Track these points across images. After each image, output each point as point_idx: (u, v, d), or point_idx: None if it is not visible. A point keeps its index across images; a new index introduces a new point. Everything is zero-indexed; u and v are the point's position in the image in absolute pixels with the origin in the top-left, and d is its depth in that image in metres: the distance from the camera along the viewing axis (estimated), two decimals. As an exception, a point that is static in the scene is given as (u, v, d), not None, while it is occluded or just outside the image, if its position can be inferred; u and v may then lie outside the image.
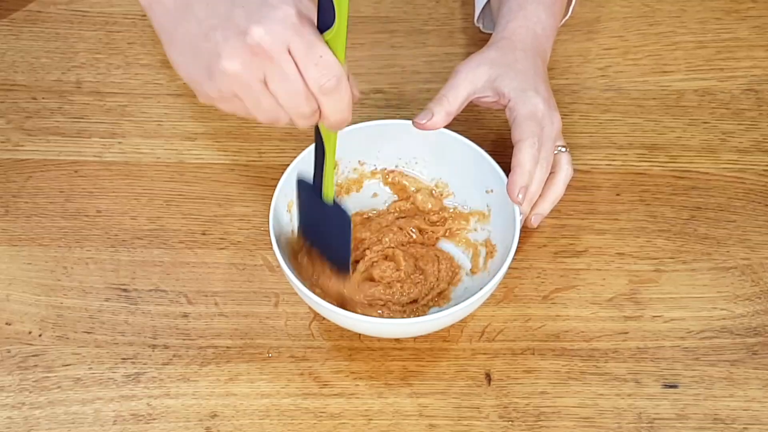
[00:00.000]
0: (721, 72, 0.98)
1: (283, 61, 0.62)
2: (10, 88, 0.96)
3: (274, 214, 0.76)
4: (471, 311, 0.76)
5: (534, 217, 0.82)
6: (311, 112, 0.65)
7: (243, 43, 0.62)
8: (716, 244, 0.86)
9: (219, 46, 0.63)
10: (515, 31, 0.85)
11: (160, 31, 0.68)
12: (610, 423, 0.76)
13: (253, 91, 0.64)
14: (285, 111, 0.65)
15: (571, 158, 0.83)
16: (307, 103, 0.64)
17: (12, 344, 0.79)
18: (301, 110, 0.65)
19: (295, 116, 0.65)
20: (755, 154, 0.92)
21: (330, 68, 0.63)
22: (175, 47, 0.67)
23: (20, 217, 0.87)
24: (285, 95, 0.64)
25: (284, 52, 0.62)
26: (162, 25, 0.68)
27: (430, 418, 0.76)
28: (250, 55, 0.62)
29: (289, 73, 0.63)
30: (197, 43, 0.65)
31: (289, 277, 0.73)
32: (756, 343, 0.80)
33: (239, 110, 0.66)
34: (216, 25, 0.64)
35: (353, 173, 0.86)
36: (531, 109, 0.79)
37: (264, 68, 0.63)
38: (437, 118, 0.80)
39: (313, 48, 0.62)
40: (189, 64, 0.66)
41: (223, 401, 0.76)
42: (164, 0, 0.67)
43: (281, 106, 0.65)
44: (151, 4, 0.68)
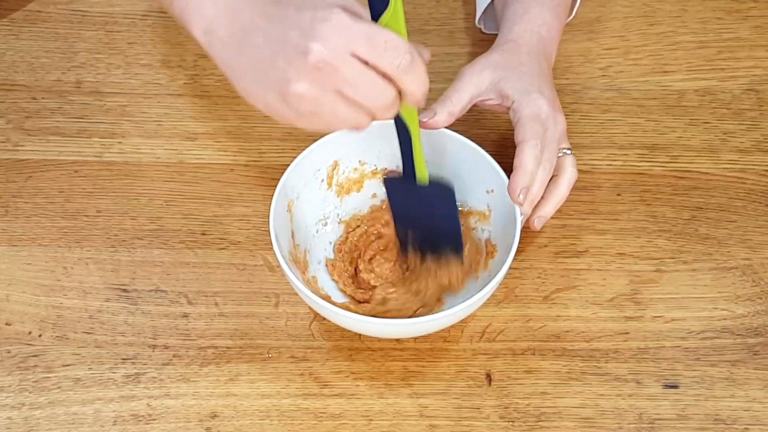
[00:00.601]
0: (722, 72, 0.98)
1: (349, 68, 0.62)
2: (10, 88, 0.96)
3: (274, 214, 0.76)
4: (471, 312, 0.76)
5: (537, 219, 0.81)
6: (393, 99, 0.65)
7: (306, 63, 0.62)
8: (717, 244, 0.86)
9: (285, 72, 0.63)
10: (520, 34, 0.85)
11: (223, 65, 0.69)
12: (610, 423, 0.76)
13: (329, 104, 0.64)
14: (366, 111, 0.65)
15: (575, 161, 0.82)
16: (387, 92, 0.64)
17: (12, 344, 0.79)
18: (382, 101, 0.65)
19: (379, 110, 0.66)
20: (756, 154, 0.92)
21: (399, 47, 0.63)
22: (242, 79, 0.68)
23: (20, 217, 0.87)
24: (363, 96, 0.64)
25: (348, 59, 0.62)
26: (224, 60, 0.69)
27: (431, 418, 0.76)
28: (316, 73, 0.62)
29: (359, 74, 0.63)
30: (263, 71, 0.65)
31: (289, 277, 0.73)
32: (757, 344, 0.80)
33: (320, 125, 0.66)
34: (276, 51, 0.64)
35: (354, 173, 0.86)
36: (534, 111, 0.79)
37: (334, 81, 0.63)
38: (439, 117, 0.80)
39: (374, 39, 0.62)
40: (261, 94, 0.67)
41: (223, 401, 0.76)
42: (220, 35, 0.68)
43: (362, 108, 0.65)
44: (210, 41, 0.69)
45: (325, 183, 0.84)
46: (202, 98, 0.95)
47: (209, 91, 0.96)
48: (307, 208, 0.83)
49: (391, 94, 0.65)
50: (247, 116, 0.94)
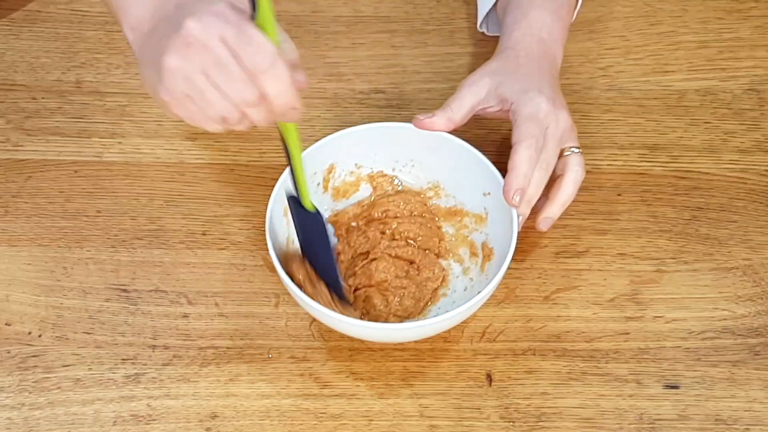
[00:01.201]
0: (722, 72, 0.98)
1: (217, 48, 0.64)
2: (10, 88, 0.96)
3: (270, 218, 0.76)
4: (468, 316, 0.76)
5: (544, 221, 0.81)
6: (256, 98, 0.65)
7: (178, 36, 0.65)
8: (718, 244, 0.86)
9: (162, 46, 0.66)
10: (519, 40, 0.85)
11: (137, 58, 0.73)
12: (611, 424, 0.76)
13: (197, 85, 0.65)
14: (232, 103, 0.66)
15: (582, 160, 0.81)
16: (248, 87, 0.65)
17: (12, 345, 0.79)
18: (244, 96, 0.65)
19: (242, 105, 0.66)
20: (757, 154, 0.92)
21: (261, 47, 0.64)
22: (143, 67, 0.71)
23: (20, 218, 0.86)
24: (225, 82, 0.65)
25: (217, 40, 0.64)
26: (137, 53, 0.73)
27: (431, 418, 0.76)
28: (186, 47, 0.65)
29: (225, 60, 0.64)
30: (152, 52, 0.68)
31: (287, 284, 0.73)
32: (757, 344, 0.80)
33: (191, 113, 0.68)
34: (165, 30, 0.67)
35: (350, 176, 0.85)
36: (532, 110, 0.79)
37: (201, 59, 0.65)
38: (436, 119, 0.80)
39: (243, 32, 0.64)
40: (148, 75, 0.70)
41: (223, 402, 0.76)
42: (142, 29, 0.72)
43: (227, 97, 0.66)
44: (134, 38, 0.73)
45: (321, 186, 0.84)
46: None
47: (209, 91, 0.96)
48: None
49: (252, 92, 0.65)
50: (248, 116, 0.94)
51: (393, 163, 0.86)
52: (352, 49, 1.00)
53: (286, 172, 0.78)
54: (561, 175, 0.81)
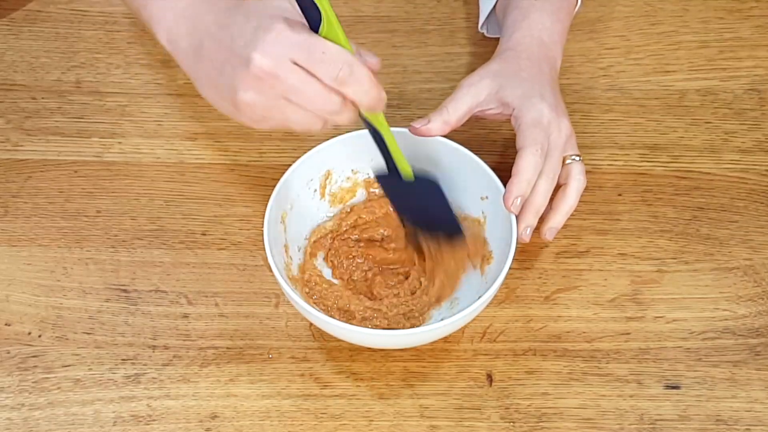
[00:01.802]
0: (723, 72, 0.98)
1: (290, 74, 0.65)
2: (10, 87, 0.96)
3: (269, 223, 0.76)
4: (467, 321, 0.75)
5: (548, 231, 0.80)
6: (340, 106, 0.67)
7: (248, 72, 0.65)
8: (718, 244, 0.85)
9: (232, 81, 0.67)
10: (520, 41, 0.85)
11: (187, 72, 0.73)
12: (611, 424, 0.75)
13: (277, 110, 0.67)
14: (316, 115, 0.67)
15: (584, 168, 0.81)
16: (330, 100, 0.66)
17: (12, 345, 0.79)
18: (329, 108, 0.67)
19: (328, 115, 0.67)
20: (758, 154, 0.92)
21: (337, 58, 0.65)
22: (201, 86, 0.72)
23: (20, 218, 0.86)
24: (307, 102, 0.66)
25: (288, 67, 0.65)
26: (186, 68, 0.73)
27: (432, 419, 0.76)
28: (258, 82, 0.65)
29: (300, 82, 0.65)
30: (216, 80, 0.69)
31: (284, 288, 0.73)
32: (758, 344, 0.80)
33: (276, 126, 0.69)
34: (224, 60, 0.67)
35: (347, 182, 0.85)
36: (535, 116, 0.78)
37: (278, 89, 0.65)
38: (433, 125, 0.80)
39: (312, 49, 0.64)
40: (217, 100, 0.70)
41: (223, 402, 0.76)
42: (182, 44, 0.72)
43: (309, 112, 0.67)
44: (175, 50, 0.74)
45: (318, 193, 0.84)
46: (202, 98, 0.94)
47: (209, 90, 0.96)
48: (301, 219, 0.82)
49: (335, 102, 0.66)
50: (248, 116, 0.93)
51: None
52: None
53: (287, 172, 0.79)
54: (564, 185, 0.80)
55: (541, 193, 0.78)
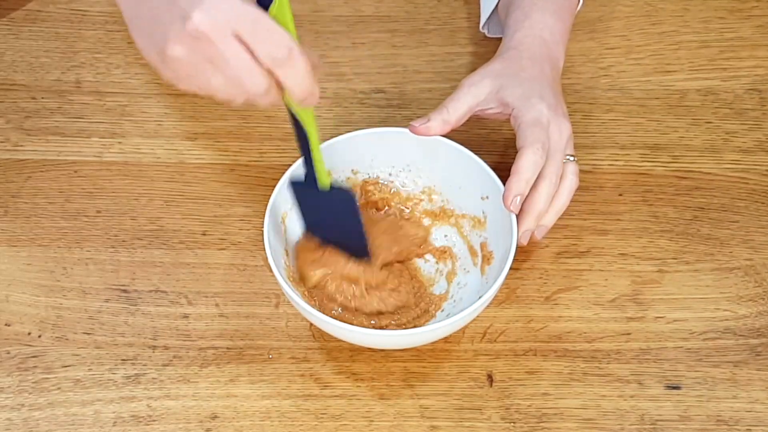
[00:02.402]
0: (724, 71, 0.98)
1: (226, 44, 0.62)
2: (10, 87, 0.95)
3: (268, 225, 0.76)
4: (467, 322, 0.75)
5: (538, 229, 0.80)
6: (266, 88, 0.65)
7: (184, 28, 0.62)
8: (719, 244, 0.85)
9: (165, 33, 0.64)
10: (521, 40, 0.84)
11: (122, 11, 0.69)
12: (612, 425, 0.75)
13: (202, 73, 0.64)
14: (240, 90, 0.65)
15: (577, 169, 0.81)
16: (260, 80, 0.64)
17: (11, 345, 0.79)
18: (255, 88, 0.64)
19: (251, 94, 0.65)
20: (758, 154, 0.91)
21: (279, 39, 0.63)
22: (134, 29, 0.68)
23: (19, 218, 0.86)
24: (233, 74, 0.64)
25: (227, 35, 0.62)
26: (125, 13, 0.69)
27: (432, 419, 0.76)
28: (192, 41, 0.63)
29: (234, 54, 0.63)
30: (150, 28, 0.66)
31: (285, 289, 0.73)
32: (759, 344, 0.80)
33: (197, 89, 0.66)
34: (164, 9, 0.64)
35: (346, 182, 0.85)
36: (535, 116, 0.78)
37: (209, 52, 0.63)
38: (432, 124, 0.79)
39: (258, 24, 0.63)
40: (146, 47, 0.67)
41: (223, 403, 0.76)
42: None
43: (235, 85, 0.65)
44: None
45: None
46: (202, 98, 0.94)
47: (209, 90, 0.96)
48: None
49: (262, 82, 0.64)
50: (248, 116, 0.94)
51: (389, 169, 0.85)
52: (353, 49, 0.99)
53: (287, 173, 0.78)
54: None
55: (543, 196, 0.77)
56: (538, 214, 0.78)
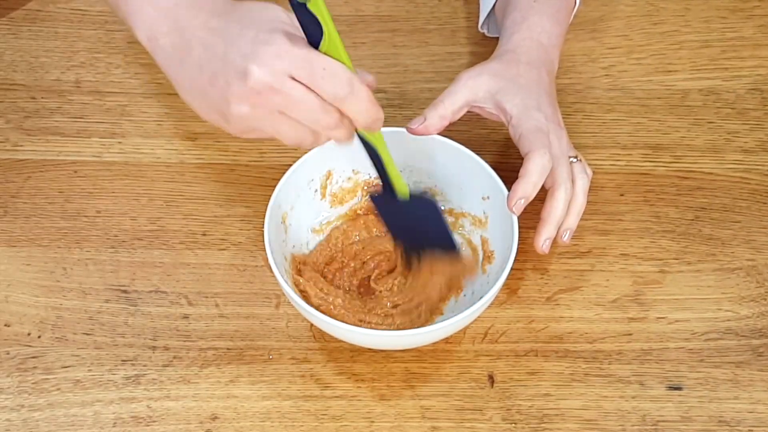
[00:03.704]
0: (725, 71, 0.97)
1: (289, 90, 0.63)
2: (9, 87, 0.95)
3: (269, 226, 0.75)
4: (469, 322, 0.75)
5: (564, 233, 0.80)
6: (335, 123, 0.65)
7: (245, 85, 0.63)
8: (721, 244, 0.85)
9: (225, 92, 0.64)
10: (519, 43, 0.84)
11: (167, 73, 0.70)
12: (614, 425, 0.75)
13: (269, 123, 0.65)
14: (310, 129, 0.66)
15: (584, 166, 0.81)
16: (327, 116, 0.65)
17: (11, 346, 0.79)
18: (325, 123, 0.65)
19: (323, 130, 0.66)
20: (760, 154, 0.91)
21: (337, 75, 0.63)
22: (185, 90, 0.69)
23: (19, 218, 0.86)
24: (303, 117, 0.65)
25: (288, 81, 0.63)
26: (167, 69, 0.69)
27: (433, 420, 0.75)
28: (256, 96, 0.63)
29: (299, 97, 0.64)
30: (204, 88, 0.66)
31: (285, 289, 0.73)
32: (761, 345, 0.79)
33: (266, 137, 0.67)
34: (217, 69, 0.65)
35: (347, 182, 0.85)
36: (535, 125, 0.78)
37: (274, 103, 0.64)
38: (430, 122, 0.79)
39: (313, 64, 0.63)
40: (203, 108, 0.68)
41: (223, 403, 0.76)
42: (163, 43, 0.69)
43: (305, 126, 0.66)
44: (154, 49, 0.70)
45: (319, 193, 0.84)
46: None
47: (210, 90, 0.95)
48: (302, 219, 0.82)
49: (332, 118, 0.65)
50: (248, 116, 0.93)
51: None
52: (353, 49, 0.99)
53: (288, 173, 0.78)
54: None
55: (561, 203, 0.78)
56: (557, 221, 0.78)
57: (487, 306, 0.74)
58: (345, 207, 0.85)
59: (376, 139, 0.71)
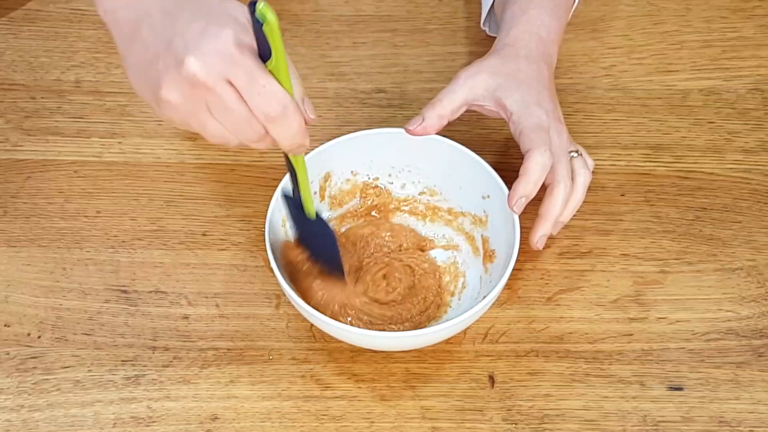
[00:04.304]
0: (726, 71, 0.97)
1: (222, 92, 0.62)
2: (9, 87, 0.95)
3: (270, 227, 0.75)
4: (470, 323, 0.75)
5: (556, 225, 0.80)
6: (258, 138, 0.65)
7: (179, 74, 0.61)
8: (722, 245, 0.85)
9: (160, 76, 0.63)
10: (518, 37, 0.84)
11: (118, 46, 0.69)
12: (614, 426, 0.75)
13: (197, 118, 0.64)
14: (234, 136, 0.65)
15: (585, 161, 0.81)
16: (252, 129, 0.64)
17: (11, 346, 0.79)
18: (246, 135, 0.65)
19: (243, 140, 0.65)
20: (761, 154, 0.91)
21: (274, 97, 0.62)
22: (129, 68, 0.68)
23: (19, 218, 0.86)
24: (228, 123, 0.64)
25: (223, 83, 0.61)
26: (118, 42, 0.69)
27: (433, 420, 0.75)
28: (188, 87, 0.62)
29: (230, 103, 0.62)
30: (144, 68, 0.65)
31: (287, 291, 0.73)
32: (762, 345, 0.79)
33: (193, 130, 0.66)
34: (159, 53, 0.63)
35: (346, 184, 0.85)
36: (536, 122, 0.78)
37: (204, 99, 0.62)
38: (428, 122, 0.79)
39: (254, 78, 0.62)
40: (141, 88, 0.67)
41: (223, 404, 0.76)
42: (119, 20, 0.68)
43: (229, 132, 0.65)
44: (111, 22, 0.69)
45: (318, 195, 0.83)
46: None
47: (210, 90, 0.95)
48: None
49: (256, 132, 0.64)
50: (248, 116, 0.93)
51: (389, 169, 0.85)
52: (354, 49, 0.99)
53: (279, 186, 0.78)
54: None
55: (560, 201, 0.78)
56: (554, 219, 0.78)
57: (488, 307, 0.73)
58: (344, 209, 0.85)
59: (297, 161, 0.71)
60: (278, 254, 0.76)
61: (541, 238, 0.79)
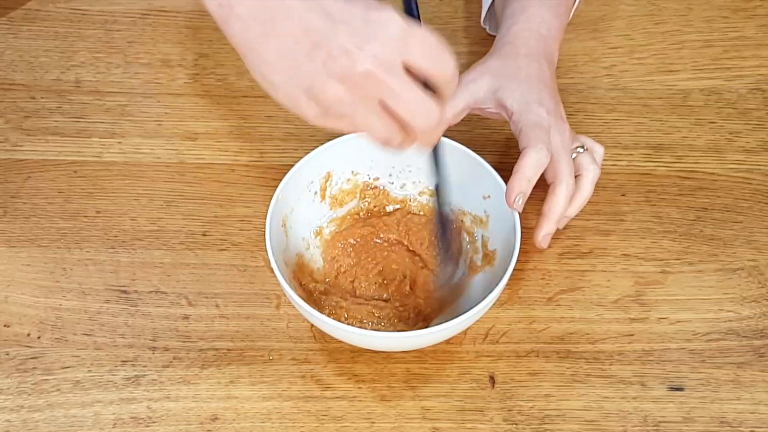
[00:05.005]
0: (727, 71, 0.97)
1: (398, 79, 0.58)
2: (9, 87, 0.95)
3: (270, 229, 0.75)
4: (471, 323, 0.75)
5: (560, 221, 0.80)
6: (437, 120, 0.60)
7: (353, 67, 0.57)
8: (723, 245, 0.85)
9: (324, 69, 0.58)
10: (518, 34, 0.84)
11: (242, 46, 0.62)
12: (615, 426, 0.75)
13: (363, 112, 0.59)
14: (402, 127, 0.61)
15: (593, 156, 0.81)
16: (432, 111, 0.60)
17: (11, 346, 0.79)
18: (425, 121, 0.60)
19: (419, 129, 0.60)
20: (762, 154, 0.91)
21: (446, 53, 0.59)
22: (265, 65, 0.61)
23: (19, 218, 0.86)
24: (405, 110, 0.59)
25: (398, 69, 0.57)
26: (243, 41, 0.62)
27: (434, 421, 0.75)
28: (361, 79, 0.57)
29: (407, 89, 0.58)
30: (295, 63, 0.59)
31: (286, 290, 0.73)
32: (763, 345, 0.79)
33: (346, 128, 0.61)
34: (318, 43, 0.58)
35: (347, 184, 0.85)
36: (536, 120, 0.78)
37: (378, 90, 0.58)
38: None
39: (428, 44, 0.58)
40: (285, 85, 0.61)
41: (224, 404, 0.76)
42: (239, 12, 0.61)
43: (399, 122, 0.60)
44: (226, 18, 0.62)
45: (319, 195, 0.83)
46: (202, 98, 0.95)
47: (210, 90, 0.95)
48: (302, 222, 0.82)
49: (436, 113, 0.60)
50: (248, 116, 0.93)
51: (389, 169, 0.85)
52: (354, 49, 0.99)
53: (287, 175, 0.78)
54: (578, 176, 0.80)
55: (562, 200, 0.77)
56: (558, 217, 0.78)
57: (489, 307, 0.73)
58: (344, 209, 0.85)
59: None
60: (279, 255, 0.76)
61: (545, 237, 0.79)
